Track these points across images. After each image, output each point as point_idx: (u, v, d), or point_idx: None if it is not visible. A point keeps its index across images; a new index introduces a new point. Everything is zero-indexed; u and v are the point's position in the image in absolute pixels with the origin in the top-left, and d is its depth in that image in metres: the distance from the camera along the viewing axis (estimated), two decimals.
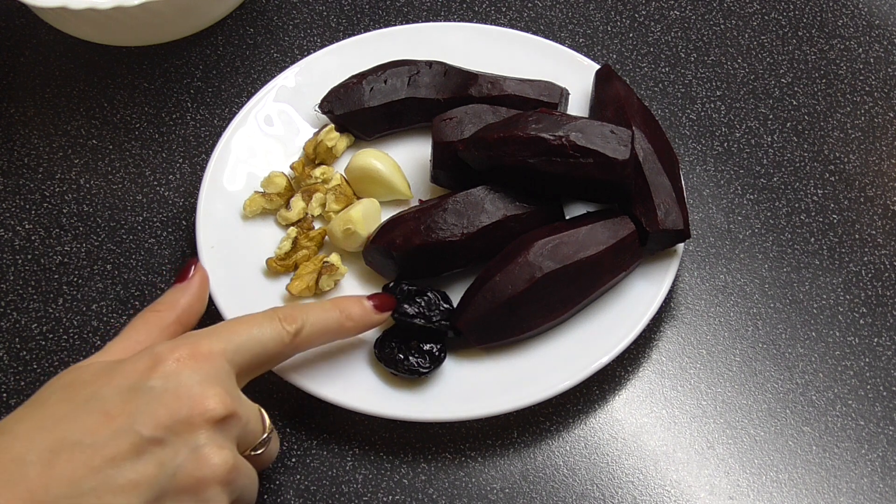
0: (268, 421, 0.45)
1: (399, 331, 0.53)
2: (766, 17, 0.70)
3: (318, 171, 0.59)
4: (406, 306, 0.52)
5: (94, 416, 0.40)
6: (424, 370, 0.52)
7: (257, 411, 0.45)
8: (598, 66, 0.62)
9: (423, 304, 0.53)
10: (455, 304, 0.54)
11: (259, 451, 0.45)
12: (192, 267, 0.49)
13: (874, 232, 0.60)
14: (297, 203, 0.59)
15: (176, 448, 0.40)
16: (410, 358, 0.52)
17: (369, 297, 0.51)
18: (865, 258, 0.59)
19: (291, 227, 0.58)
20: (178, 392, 0.40)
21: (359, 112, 0.61)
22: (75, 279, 0.59)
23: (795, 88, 0.66)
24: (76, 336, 0.57)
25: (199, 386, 0.41)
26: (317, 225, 0.59)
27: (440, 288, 0.56)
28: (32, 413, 0.40)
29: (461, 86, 0.61)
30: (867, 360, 0.55)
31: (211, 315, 0.55)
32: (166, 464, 0.39)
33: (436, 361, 0.52)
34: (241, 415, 0.42)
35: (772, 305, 0.57)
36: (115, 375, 0.41)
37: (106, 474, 0.38)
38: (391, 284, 0.54)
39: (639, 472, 0.52)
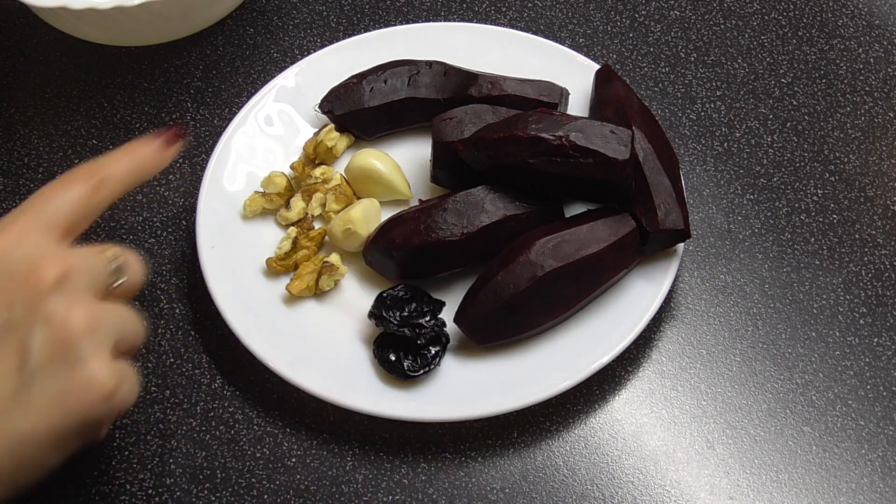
0: (110, 251, 0.44)
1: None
2: (766, 17, 0.70)
3: (318, 171, 0.59)
4: (384, 311, 0.52)
5: None
6: (413, 374, 0.52)
7: (95, 251, 0.43)
8: (598, 66, 0.62)
9: (406, 311, 0.53)
10: (449, 311, 0.54)
11: (117, 283, 0.44)
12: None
13: (874, 232, 0.60)
14: (297, 203, 0.59)
15: (28, 325, 0.39)
16: (403, 360, 0.52)
17: (157, 135, 0.48)
18: (865, 258, 0.59)
19: (291, 227, 0.58)
20: (8, 274, 0.40)
21: (359, 112, 0.61)
22: None
23: (795, 88, 0.66)
24: None
25: (26, 261, 0.41)
26: (317, 225, 0.59)
27: (440, 287, 0.56)
28: None
29: (461, 86, 0.61)
30: (867, 360, 0.55)
31: (210, 315, 0.55)
32: (26, 342, 0.39)
33: (428, 365, 0.52)
34: (77, 265, 0.41)
35: (772, 305, 0.57)
36: None
37: None
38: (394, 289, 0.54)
39: (639, 472, 0.52)
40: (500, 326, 0.53)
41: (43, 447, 0.39)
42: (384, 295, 0.54)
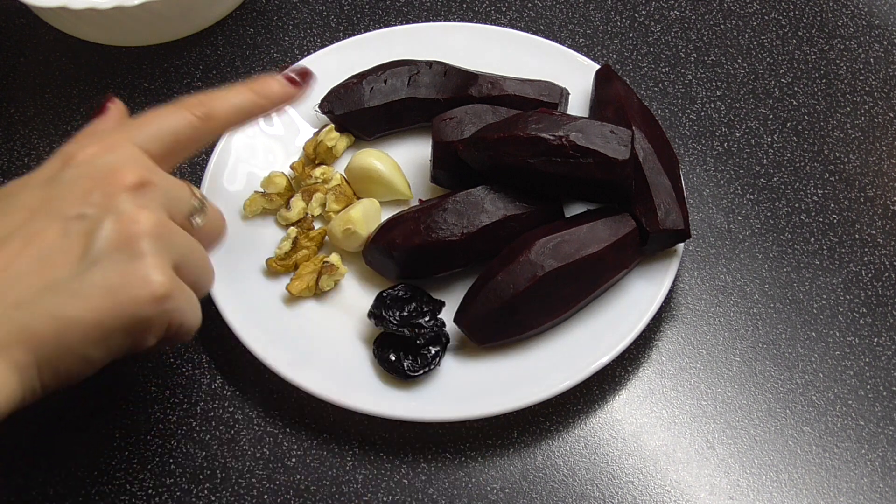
0: (198, 192, 0.45)
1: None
2: (766, 17, 0.70)
3: (318, 171, 0.59)
4: (384, 311, 0.52)
5: (16, 214, 0.41)
6: (413, 374, 0.52)
7: (182, 183, 0.44)
8: (598, 66, 0.62)
9: (406, 310, 0.53)
10: (449, 311, 0.54)
11: (196, 220, 0.45)
12: (110, 103, 0.49)
13: (874, 232, 0.60)
14: (297, 203, 0.59)
15: (99, 217, 0.40)
16: (403, 360, 0.52)
17: (283, 74, 0.50)
18: (865, 258, 0.59)
19: (291, 227, 0.58)
20: (92, 173, 0.42)
21: (359, 112, 0.61)
22: None
23: (795, 88, 0.66)
24: None
25: (111, 164, 0.42)
26: (317, 225, 0.59)
27: (440, 287, 0.56)
28: None
29: (461, 86, 0.61)
30: (867, 360, 0.55)
31: (210, 315, 0.55)
32: (93, 232, 0.40)
33: (428, 365, 0.52)
34: (160, 183, 0.42)
35: (772, 305, 0.57)
36: (30, 179, 0.43)
37: (38, 256, 0.40)
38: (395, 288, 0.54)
39: (639, 472, 0.52)
40: (500, 326, 0.53)
41: (88, 337, 0.40)
42: (384, 295, 0.54)
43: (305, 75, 0.51)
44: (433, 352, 0.52)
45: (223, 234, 0.47)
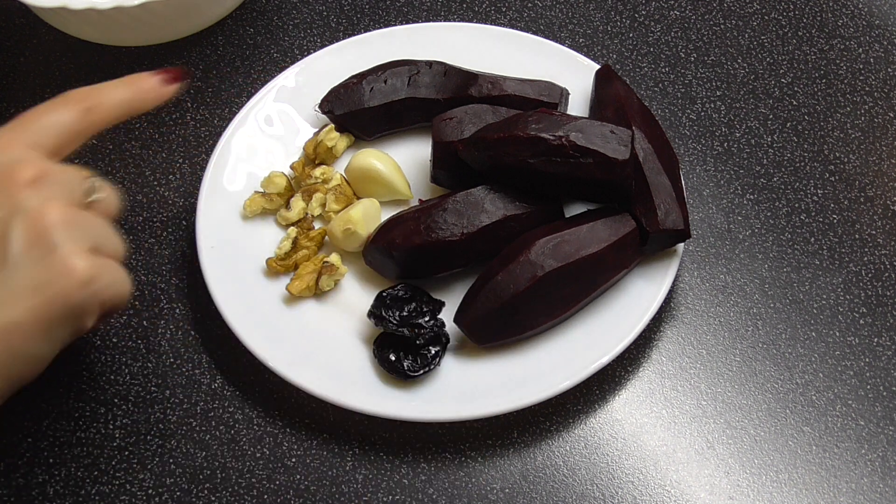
0: (87, 172, 0.46)
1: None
2: (766, 17, 0.70)
3: (318, 171, 0.59)
4: (384, 311, 0.52)
5: None
6: (413, 374, 0.52)
7: (73, 168, 0.46)
8: (598, 66, 0.62)
9: (406, 310, 0.53)
10: (449, 311, 0.54)
11: (93, 197, 0.46)
12: None
13: (874, 232, 0.60)
14: (297, 203, 0.59)
15: (7, 219, 0.41)
16: (403, 360, 0.52)
17: (159, 72, 0.52)
18: (865, 258, 0.59)
19: (291, 227, 0.58)
20: None
21: (359, 112, 0.61)
22: None
23: (795, 88, 0.66)
24: None
25: (6, 164, 0.43)
26: (317, 225, 0.59)
27: (440, 287, 0.56)
28: None
29: (461, 86, 0.61)
30: (867, 360, 0.55)
31: (210, 315, 0.55)
32: (6, 235, 0.41)
33: (428, 365, 0.52)
34: (54, 171, 0.44)
35: (772, 305, 0.57)
36: None
37: None
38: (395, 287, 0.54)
39: (639, 472, 0.52)
40: (500, 326, 0.53)
41: (31, 337, 0.41)
42: (384, 294, 0.54)
43: (178, 73, 0.52)
44: (433, 352, 0.52)
45: (118, 204, 0.48)
